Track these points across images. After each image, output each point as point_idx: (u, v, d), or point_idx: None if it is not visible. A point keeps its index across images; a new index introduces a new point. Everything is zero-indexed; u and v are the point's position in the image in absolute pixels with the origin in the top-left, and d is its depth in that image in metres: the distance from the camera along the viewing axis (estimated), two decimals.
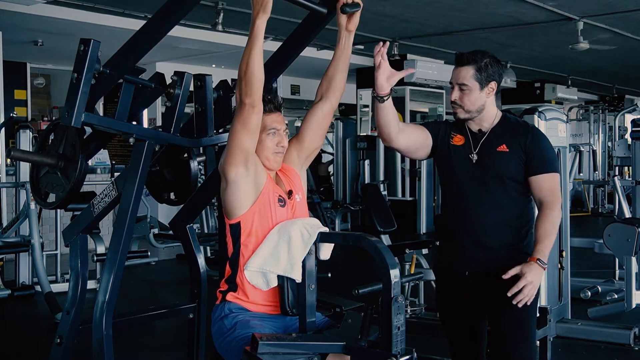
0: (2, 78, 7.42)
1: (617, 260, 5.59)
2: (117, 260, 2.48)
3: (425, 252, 4.49)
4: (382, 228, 4.89)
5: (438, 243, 2.94)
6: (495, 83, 2.59)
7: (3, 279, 6.09)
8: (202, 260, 2.95)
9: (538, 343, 3.55)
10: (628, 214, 6.35)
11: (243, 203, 2.31)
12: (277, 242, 2.28)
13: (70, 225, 2.77)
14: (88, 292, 2.76)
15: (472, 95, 2.57)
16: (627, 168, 9.43)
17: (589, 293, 5.24)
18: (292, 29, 2.69)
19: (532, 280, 2.40)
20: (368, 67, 11.01)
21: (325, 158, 12.39)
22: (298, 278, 2.26)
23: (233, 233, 2.34)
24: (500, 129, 2.63)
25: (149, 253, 6.39)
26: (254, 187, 2.31)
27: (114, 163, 7.56)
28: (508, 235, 2.59)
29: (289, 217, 2.37)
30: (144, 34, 2.42)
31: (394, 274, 2.04)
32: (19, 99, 10.00)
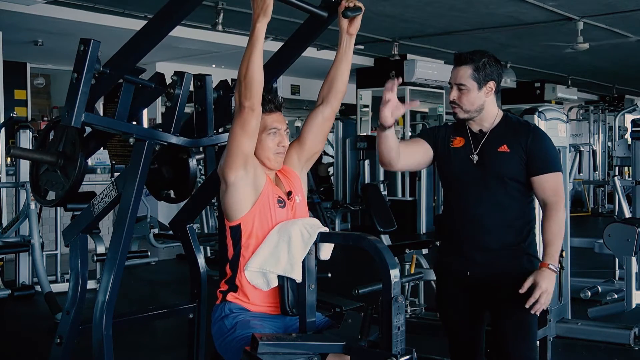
0: (2, 78, 7.42)
1: (617, 260, 5.59)
2: (117, 260, 2.49)
3: (425, 252, 4.48)
4: (382, 228, 4.88)
5: (438, 243, 2.94)
6: (494, 83, 2.59)
7: (3, 279, 6.09)
8: (202, 260, 2.95)
9: (538, 343, 3.55)
10: (628, 214, 6.34)
11: (243, 205, 2.30)
12: (277, 242, 2.28)
13: (70, 225, 2.77)
14: (88, 292, 2.76)
15: (470, 95, 2.57)
16: (627, 168, 9.42)
17: (589, 293, 5.23)
18: (292, 29, 2.68)
19: (547, 288, 2.45)
20: (368, 67, 11.02)
21: (326, 159, 12.38)
22: (298, 278, 2.26)
23: (233, 235, 2.34)
24: (501, 129, 2.62)
25: (149, 253, 6.38)
26: (254, 188, 2.31)
27: (114, 163, 7.56)
28: (509, 236, 2.59)
29: (289, 218, 2.37)
30: (145, 35, 2.42)
31: (394, 274, 2.04)
32: (19, 99, 10.00)
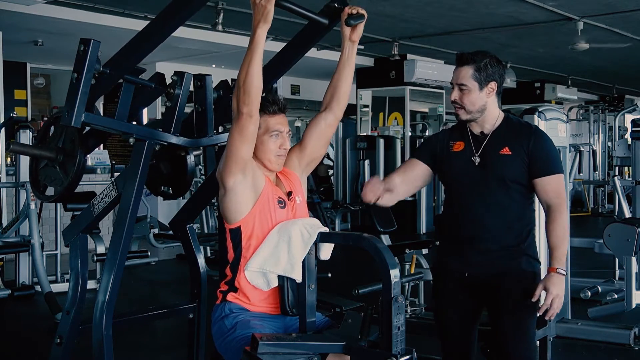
0: (2, 78, 7.42)
1: (617, 260, 5.59)
2: (117, 260, 2.48)
3: (425, 252, 4.48)
4: (382, 228, 4.88)
5: (438, 243, 2.94)
6: (495, 83, 2.58)
7: (3, 279, 6.08)
8: (202, 260, 2.95)
9: (538, 343, 3.55)
10: (628, 214, 6.34)
11: (242, 207, 2.30)
12: (277, 242, 2.28)
13: (70, 225, 2.77)
14: (88, 292, 2.76)
15: (471, 95, 2.56)
16: (627, 168, 9.43)
17: (589, 293, 5.23)
18: (293, 30, 2.68)
19: (558, 294, 2.45)
20: (368, 67, 11.04)
21: (326, 160, 12.39)
22: (298, 278, 2.26)
23: (233, 238, 2.34)
24: (503, 131, 2.61)
25: (149, 253, 6.38)
26: (253, 190, 2.30)
27: (114, 163, 7.57)
28: (509, 237, 2.58)
29: (289, 218, 2.36)
30: (146, 35, 2.42)
31: (394, 274, 2.04)
32: (19, 99, 10.01)
